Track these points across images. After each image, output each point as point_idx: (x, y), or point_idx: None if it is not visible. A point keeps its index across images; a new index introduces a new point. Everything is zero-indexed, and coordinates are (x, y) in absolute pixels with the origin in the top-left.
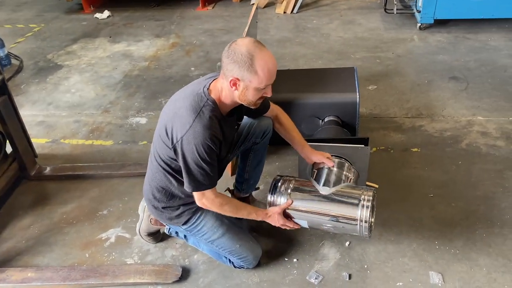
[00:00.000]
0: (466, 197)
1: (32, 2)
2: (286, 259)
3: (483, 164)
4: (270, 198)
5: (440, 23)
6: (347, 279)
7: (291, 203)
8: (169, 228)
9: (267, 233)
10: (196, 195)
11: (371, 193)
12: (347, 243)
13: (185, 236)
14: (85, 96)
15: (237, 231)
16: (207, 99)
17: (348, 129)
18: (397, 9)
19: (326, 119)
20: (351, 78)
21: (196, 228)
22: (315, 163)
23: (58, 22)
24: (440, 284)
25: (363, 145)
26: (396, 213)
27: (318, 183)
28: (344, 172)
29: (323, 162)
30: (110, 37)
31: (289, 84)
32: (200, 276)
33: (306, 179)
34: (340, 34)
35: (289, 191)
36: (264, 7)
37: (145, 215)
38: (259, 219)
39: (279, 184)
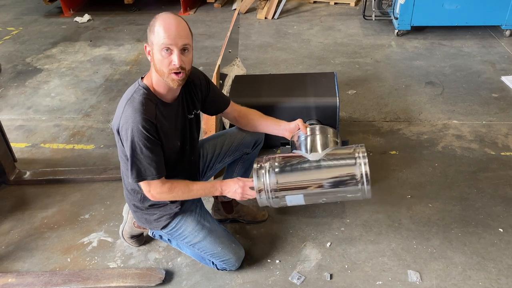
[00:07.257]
0: (442, 197)
1: (10, 4)
2: (268, 260)
3: (458, 166)
4: (257, 182)
5: (417, 30)
6: (329, 279)
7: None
8: (153, 231)
9: (250, 235)
10: (142, 186)
11: (363, 149)
12: (328, 244)
13: (168, 239)
14: (65, 100)
15: (219, 234)
16: (139, 85)
17: None
18: (375, 16)
19: (307, 123)
20: (331, 82)
21: (176, 232)
22: (293, 135)
23: (37, 25)
24: (418, 282)
25: None
26: (375, 214)
27: (304, 151)
28: (330, 136)
29: (302, 127)
30: (91, 41)
31: (270, 89)
32: (183, 279)
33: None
34: (320, 40)
35: (276, 169)
36: (246, 12)
37: (129, 217)
38: (216, 191)
39: (263, 164)
